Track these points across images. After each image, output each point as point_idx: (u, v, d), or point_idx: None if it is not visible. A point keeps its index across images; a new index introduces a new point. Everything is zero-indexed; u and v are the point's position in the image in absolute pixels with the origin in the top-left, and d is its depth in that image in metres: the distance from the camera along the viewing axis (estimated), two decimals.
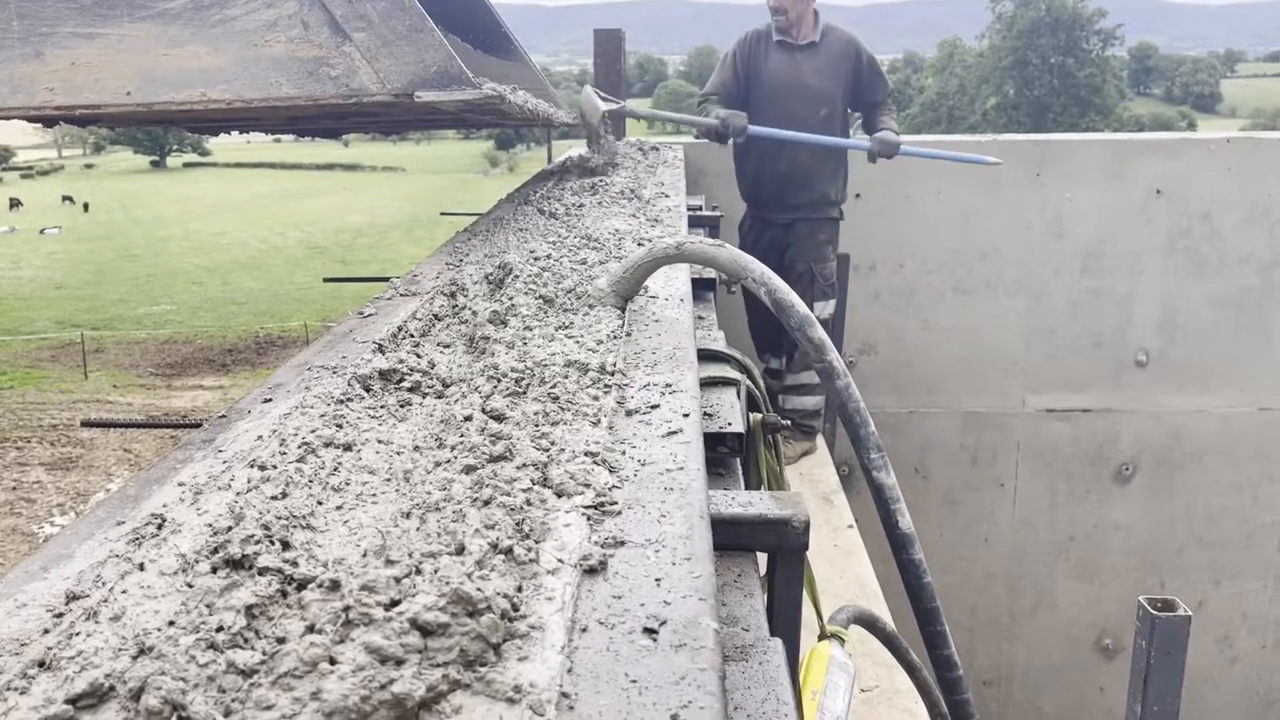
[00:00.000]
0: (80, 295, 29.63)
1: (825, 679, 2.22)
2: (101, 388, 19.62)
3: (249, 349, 22.76)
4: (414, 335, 1.58)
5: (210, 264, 35.07)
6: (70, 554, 0.85)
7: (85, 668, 0.67)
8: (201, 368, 21.27)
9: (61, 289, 30.81)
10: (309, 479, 0.99)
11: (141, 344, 23.49)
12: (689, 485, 1.00)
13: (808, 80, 5.12)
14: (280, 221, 46.05)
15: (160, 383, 20.14)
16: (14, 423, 17.17)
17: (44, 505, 13.62)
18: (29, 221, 46.85)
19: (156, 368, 21.32)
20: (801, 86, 5.12)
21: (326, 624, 0.68)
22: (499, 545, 0.82)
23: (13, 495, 14.02)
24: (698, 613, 0.76)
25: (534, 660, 0.68)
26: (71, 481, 14.46)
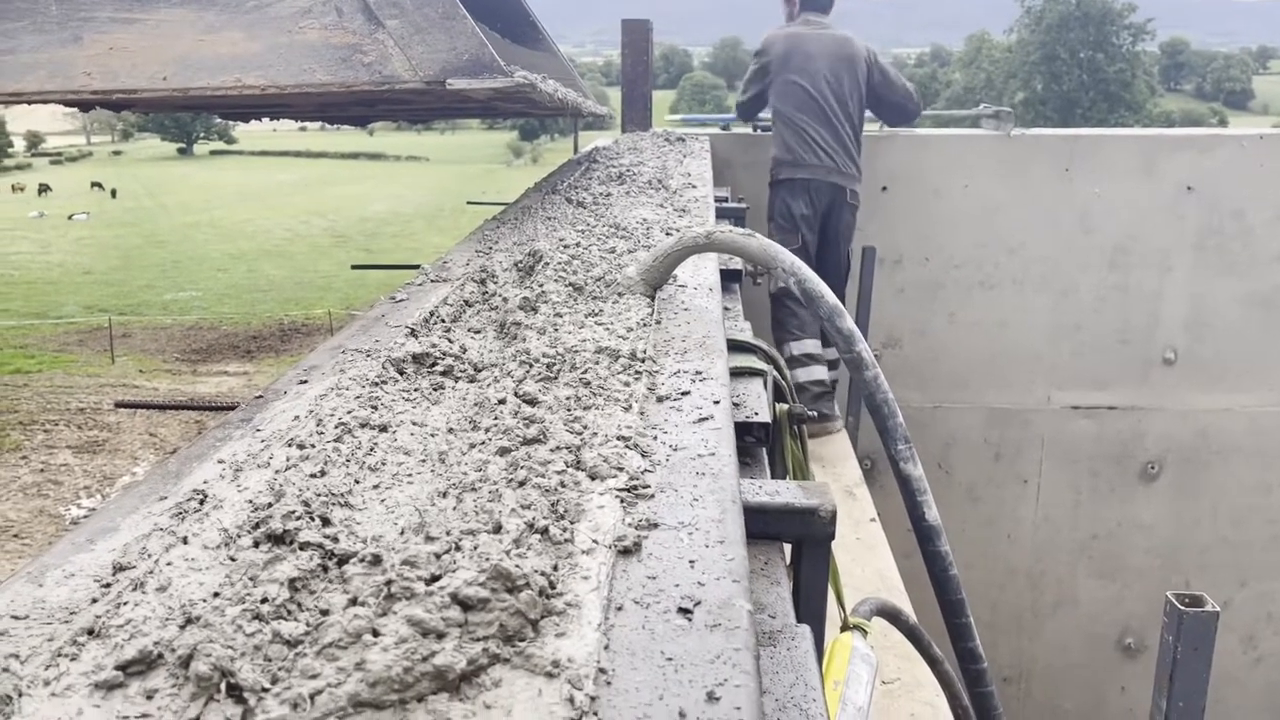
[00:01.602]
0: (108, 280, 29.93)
1: (848, 670, 2.22)
2: (128, 373, 19.82)
3: (273, 336, 22.93)
4: (445, 321, 1.59)
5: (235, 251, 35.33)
6: (115, 527, 0.87)
7: (134, 636, 0.68)
8: (226, 354, 21.45)
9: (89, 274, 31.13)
10: (346, 458, 1.00)
11: (167, 330, 23.71)
12: (721, 470, 1.01)
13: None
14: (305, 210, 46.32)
15: (185, 368, 20.32)
16: (42, 406, 17.38)
17: (71, 487, 13.79)
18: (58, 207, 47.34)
19: (182, 353, 21.52)
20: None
21: (369, 597, 0.70)
22: (535, 525, 0.83)
23: (40, 477, 14.20)
24: (732, 594, 0.77)
25: (571, 637, 0.69)
26: (98, 464, 14.63)
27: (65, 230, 41.01)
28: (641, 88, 5.53)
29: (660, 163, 3.67)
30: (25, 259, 33.79)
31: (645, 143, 4.67)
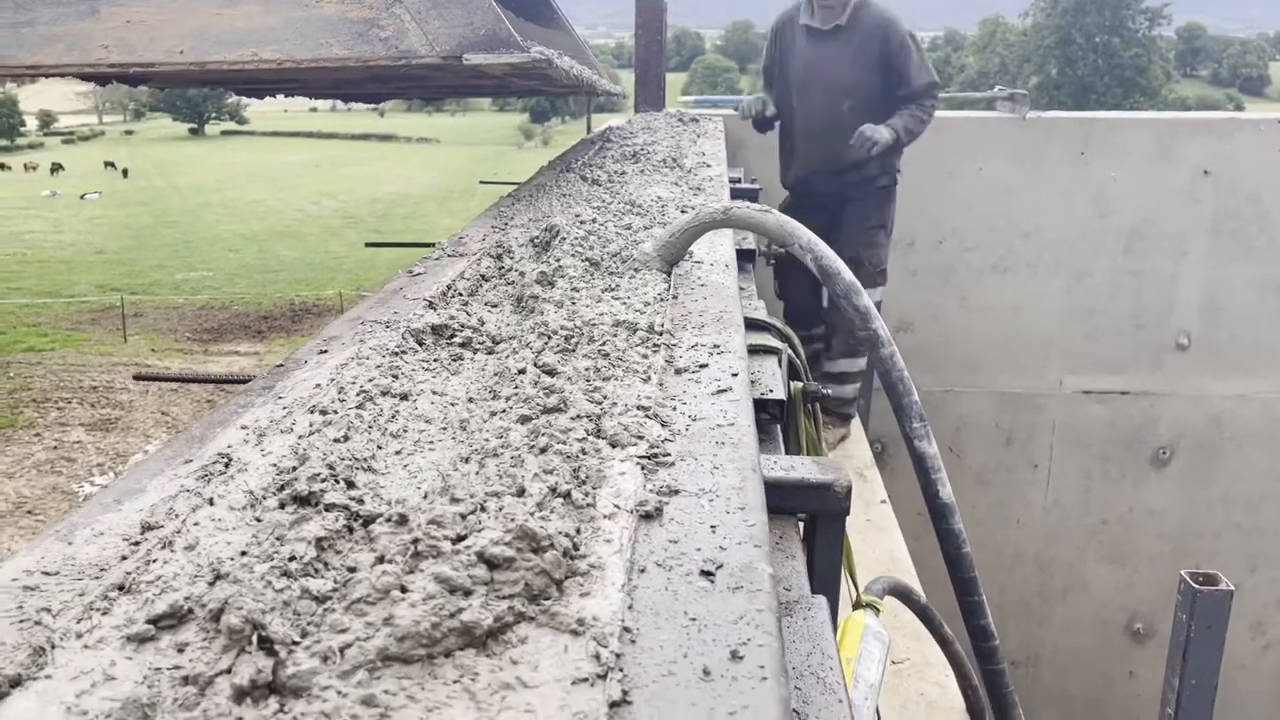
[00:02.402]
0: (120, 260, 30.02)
1: (860, 647, 2.23)
2: (140, 351, 19.91)
3: (284, 316, 22.99)
4: (462, 294, 1.59)
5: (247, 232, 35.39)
6: (142, 488, 0.88)
7: (165, 591, 0.69)
8: (237, 334, 21.52)
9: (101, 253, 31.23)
10: (368, 425, 1.01)
11: (179, 309, 23.79)
12: (740, 440, 1.01)
13: (831, 70, 4.66)
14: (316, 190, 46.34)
15: (197, 348, 20.40)
16: (55, 384, 17.48)
17: (84, 465, 13.88)
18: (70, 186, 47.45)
19: (194, 333, 21.59)
20: (822, 77, 4.67)
21: (396, 555, 0.70)
22: (557, 489, 0.83)
23: (54, 454, 14.29)
24: (753, 558, 0.77)
25: (596, 596, 0.70)
26: (111, 442, 14.72)
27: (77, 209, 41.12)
28: (655, 68, 5.52)
29: (674, 142, 3.66)
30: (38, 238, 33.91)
31: (659, 122, 4.65)
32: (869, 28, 4.59)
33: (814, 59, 4.68)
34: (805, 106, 4.69)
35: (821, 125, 4.68)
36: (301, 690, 0.59)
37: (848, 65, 4.62)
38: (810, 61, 4.69)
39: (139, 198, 44.21)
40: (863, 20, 4.61)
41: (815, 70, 4.67)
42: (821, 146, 4.71)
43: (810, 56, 4.69)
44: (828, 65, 4.64)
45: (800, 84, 4.72)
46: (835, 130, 4.60)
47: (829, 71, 4.64)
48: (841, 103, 4.61)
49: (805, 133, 4.77)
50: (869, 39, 4.58)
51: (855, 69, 4.62)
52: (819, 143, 4.72)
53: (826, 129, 4.66)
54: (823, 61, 4.65)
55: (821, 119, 4.66)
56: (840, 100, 4.62)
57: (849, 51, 4.61)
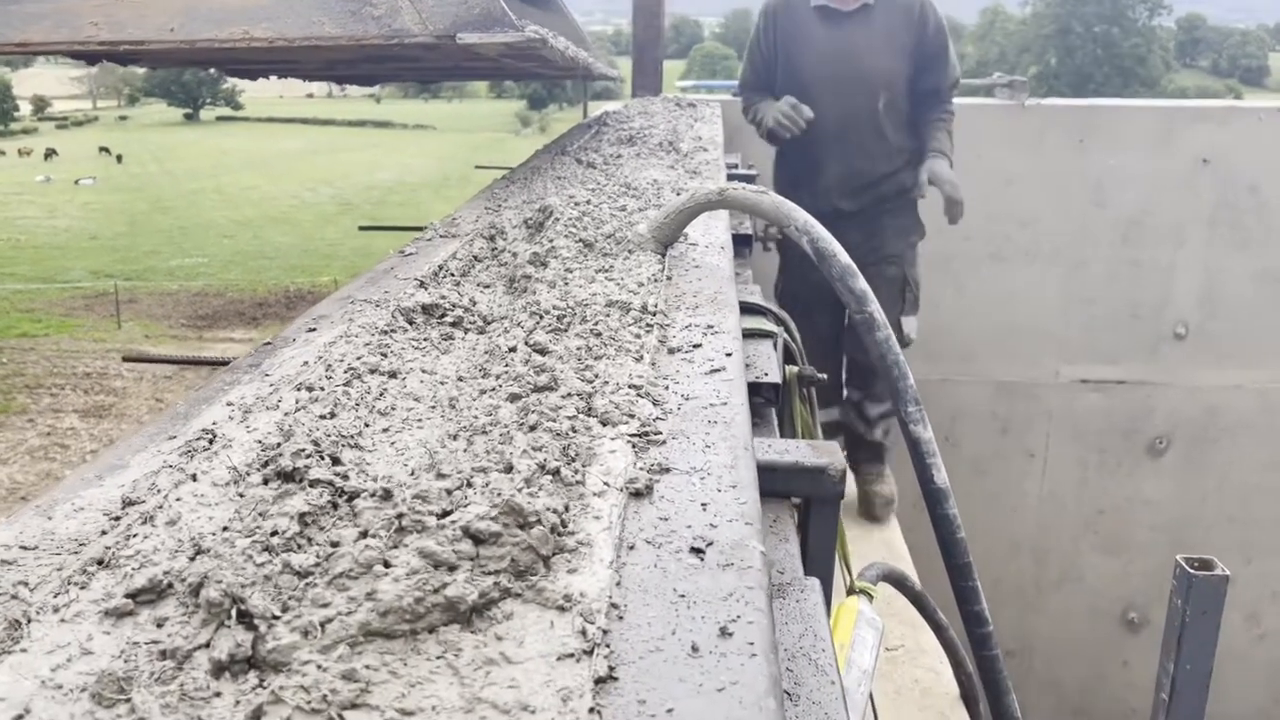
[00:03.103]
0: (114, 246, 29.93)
1: (853, 633, 2.22)
2: (134, 337, 19.86)
3: (279, 303, 22.95)
4: (454, 274, 1.58)
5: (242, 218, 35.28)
6: (124, 464, 0.87)
7: (144, 565, 0.68)
8: (232, 320, 21.48)
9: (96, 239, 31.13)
10: (356, 402, 0.99)
11: (174, 295, 23.74)
12: (733, 419, 1.00)
13: (860, 60, 3.91)
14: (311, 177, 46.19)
15: (191, 334, 20.36)
16: (49, 370, 17.44)
17: (77, 451, 13.86)
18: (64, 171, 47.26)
19: (188, 319, 21.55)
20: (850, 69, 3.92)
21: (380, 530, 0.69)
22: (546, 466, 0.82)
23: (47, 441, 14.27)
24: (744, 536, 0.76)
25: (583, 573, 0.68)
26: (104, 429, 14.70)
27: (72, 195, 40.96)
28: (653, 52, 5.48)
29: (671, 126, 3.64)
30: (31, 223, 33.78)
31: (656, 107, 4.63)
32: (901, 4, 3.93)
33: (837, 48, 3.93)
34: (830, 107, 3.93)
35: (851, 129, 3.99)
36: (281, 665, 0.57)
37: (880, 52, 3.93)
38: (832, 51, 3.94)
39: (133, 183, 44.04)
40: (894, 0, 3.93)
41: (840, 61, 3.92)
42: (853, 155, 4.02)
43: (831, 45, 3.94)
44: (856, 54, 3.92)
45: (820, 80, 3.96)
46: (869, 133, 3.99)
47: (858, 62, 3.92)
48: (875, 99, 3.96)
49: (831, 139, 3.99)
50: (902, 19, 3.92)
51: (889, 56, 3.94)
52: (850, 150, 4.01)
53: (858, 133, 4.00)
54: (849, 50, 3.92)
55: (851, 121, 3.97)
56: (874, 96, 3.95)
57: (879, 35, 3.91)
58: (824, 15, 3.96)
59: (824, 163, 4.04)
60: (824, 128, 3.95)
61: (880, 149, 4.05)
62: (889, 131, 4.03)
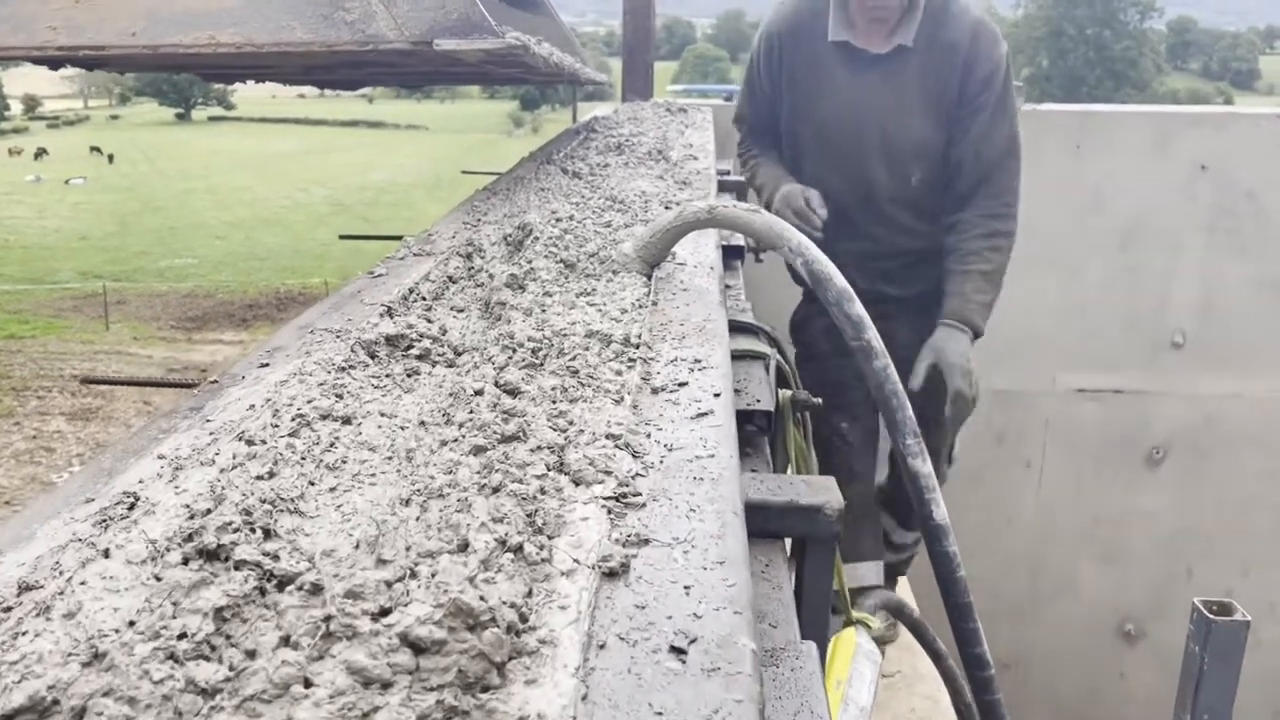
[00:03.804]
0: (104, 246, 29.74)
1: (850, 668, 2.13)
2: (122, 339, 19.70)
3: (269, 304, 22.80)
4: (426, 298, 1.48)
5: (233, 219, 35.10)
6: (31, 535, 0.77)
7: (26, 676, 0.58)
8: (222, 322, 21.32)
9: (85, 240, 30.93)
10: (301, 456, 0.89)
11: (163, 297, 23.57)
12: (721, 475, 0.90)
13: (887, 122, 2.91)
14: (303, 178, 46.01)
15: (181, 336, 20.21)
16: (35, 372, 17.28)
17: (63, 455, 13.71)
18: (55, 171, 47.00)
19: (177, 321, 21.39)
20: (876, 133, 2.93)
21: (303, 636, 0.59)
22: (508, 542, 0.72)
23: (33, 444, 14.12)
24: (733, 629, 0.66)
25: (543, 684, 0.58)
26: (91, 432, 14.55)
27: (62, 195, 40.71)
28: (643, 55, 5.38)
29: (661, 133, 3.54)
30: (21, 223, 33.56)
31: (646, 112, 4.53)
32: (947, 42, 2.82)
33: (859, 103, 2.91)
34: (846, 178, 2.97)
35: (873, 205, 3.02)
36: None
37: (915, 113, 2.89)
38: (852, 107, 2.93)
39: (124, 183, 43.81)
40: (939, 38, 2.83)
41: (862, 122, 2.92)
42: (873, 242, 3.05)
43: (852, 98, 2.92)
44: (883, 114, 2.90)
45: (833, 141, 2.98)
46: (900, 211, 3.02)
47: (886, 125, 2.90)
48: (906, 175, 2.96)
49: (849, 213, 3.00)
50: (945, 63, 2.83)
51: (927, 119, 2.89)
52: (872, 234, 3.05)
53: (881, 211, 3.04)
54: (874, 108, 2.90)
55: (873, 197, 2.99)
56: (904, 171, 2.96)
57: (915, 90, 2.87)
58: (845, 55, 2.87)
59: (839, 239, 2.83)
60: (838, 201, 2.96)
61: (918, 226, 3.06)
62: (929, 206, 3.00)
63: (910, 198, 3.01)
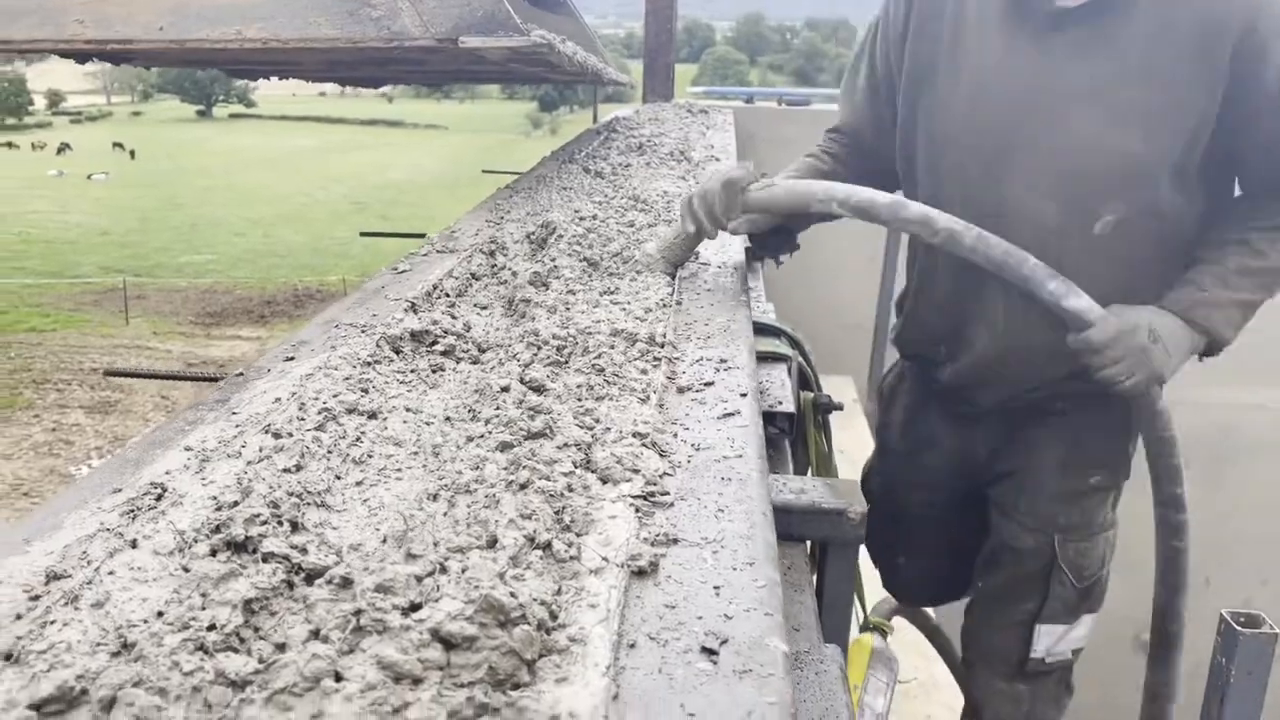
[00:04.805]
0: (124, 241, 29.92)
1: (867, 674, 2.12)
2: (142, 334, 19.81)
3: (287, 301, 22.88)
4: (449, 295, 1.48)
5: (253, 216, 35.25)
6: (58, 524, 0.76)
7: (55, 666, 0.58)
8: (240, 318, 21.42)
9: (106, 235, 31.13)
10: (328, 449, 0.89)
11: (182, 292, 23.68)
12: (749, 476, 0.90)
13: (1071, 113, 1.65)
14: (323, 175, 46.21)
15: (199, 331, 20.30)
16: (55, 365, 17.39)
17: (82, 448, 13.79)
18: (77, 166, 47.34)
19: (196, 316, 21.49)
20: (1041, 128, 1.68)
21: (334, 630, 0.59)
22: (536, 539, 0.71)
23: (52, 436, 14.21)
24: (764, 631, 0.65)
25: (574, 682, 0.58)
26: (110, 425, 14.63)
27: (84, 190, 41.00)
28: (665, 57, 5.38)
29: (682, 134, 3.53)
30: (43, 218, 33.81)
31: (667, 113, 4.52)
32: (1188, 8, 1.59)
33: (1021, 83, 1.70)
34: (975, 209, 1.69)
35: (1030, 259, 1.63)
36: None
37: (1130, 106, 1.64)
38: (1008, 89, 1.72)
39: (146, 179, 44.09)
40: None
41: (1025, 111, 1.70)
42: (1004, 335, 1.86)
43: (1009, 76, 1.72)
44: (1066, 101, 1.67)
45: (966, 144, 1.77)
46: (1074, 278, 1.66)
47: (1069, 118, 1.67)
48: (1093, 211, 1.70)
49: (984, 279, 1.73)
50: (1196, 27, 1.59)
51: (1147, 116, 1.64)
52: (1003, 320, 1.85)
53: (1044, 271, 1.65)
54: (1051, 91, 1.67)
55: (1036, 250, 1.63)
56: (1091, 200, 1.70)
57: (1135, 69, 1.62)
58: (1017, 9, 1.69)
59: (967, 324, 1.91)
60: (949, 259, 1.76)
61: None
62: (1115, 274, 1.73)
63: (1086, 258, 1.69)
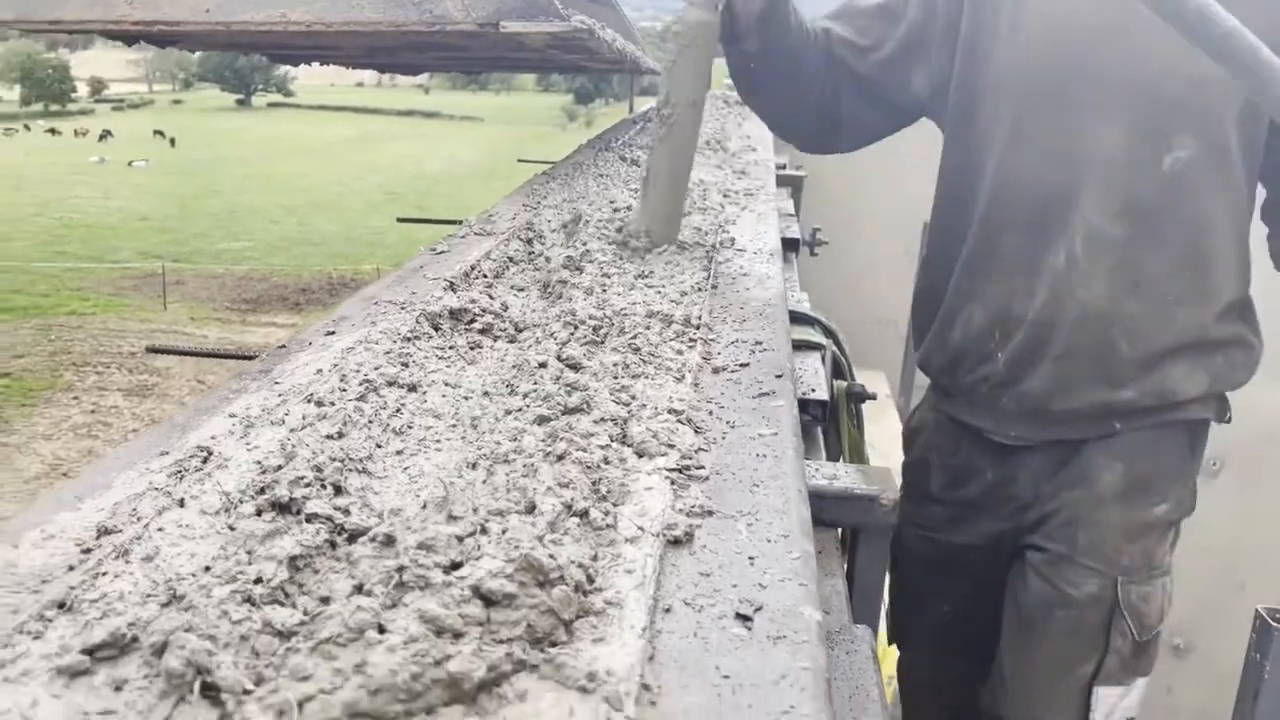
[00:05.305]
0: (163, 228, 30.31)
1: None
2: (179, 319, 20.08)
3: (322, 289, 23.09)
4: (487, 276, 1.49)
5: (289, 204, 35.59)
6: (108, 484, 0.78)
7: (108, 614, 0.59)
8: (275, 305, 21.65)
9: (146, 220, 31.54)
10: (369, 419, 0.91)
11: (219, 279, 23.97)
12: (784, 453, 0.90)
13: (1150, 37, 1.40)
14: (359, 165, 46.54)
15: (235, 317, 20.55)
16: (94, 348, 17.67)
17: (119, 429, 14.01)
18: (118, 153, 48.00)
19: (232, 302, 21.75)
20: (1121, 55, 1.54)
21: (377, 585, 0.60)
22: (573, 507, 0.72)
23: (90, 418, 14.45)
24: (798, 600, 0.66)
25: (611, 643, 0.59)
26: (147, 408, 14.85)
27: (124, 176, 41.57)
28: None
29: (719, 124, 3.53)
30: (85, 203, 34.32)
31: None
32: None
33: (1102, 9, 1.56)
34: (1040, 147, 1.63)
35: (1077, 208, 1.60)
36: None
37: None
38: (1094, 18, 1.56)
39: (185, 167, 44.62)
40: None
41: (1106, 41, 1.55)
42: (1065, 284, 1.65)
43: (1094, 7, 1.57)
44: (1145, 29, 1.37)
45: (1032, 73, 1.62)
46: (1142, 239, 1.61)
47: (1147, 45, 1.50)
48: (1165, 134, 1.56)
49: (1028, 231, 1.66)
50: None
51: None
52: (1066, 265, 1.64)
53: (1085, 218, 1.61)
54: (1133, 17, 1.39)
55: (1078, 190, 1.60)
56: (1160, 136, 1.57)
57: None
58: None
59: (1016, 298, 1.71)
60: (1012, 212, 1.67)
61: (1168, 284, 1.64)
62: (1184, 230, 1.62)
63: (1155, 201, 1.58)
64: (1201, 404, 1.76)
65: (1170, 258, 1.61)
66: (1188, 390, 1.70)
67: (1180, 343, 1.67)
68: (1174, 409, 1.70)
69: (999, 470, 1.86)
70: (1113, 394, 1.69)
